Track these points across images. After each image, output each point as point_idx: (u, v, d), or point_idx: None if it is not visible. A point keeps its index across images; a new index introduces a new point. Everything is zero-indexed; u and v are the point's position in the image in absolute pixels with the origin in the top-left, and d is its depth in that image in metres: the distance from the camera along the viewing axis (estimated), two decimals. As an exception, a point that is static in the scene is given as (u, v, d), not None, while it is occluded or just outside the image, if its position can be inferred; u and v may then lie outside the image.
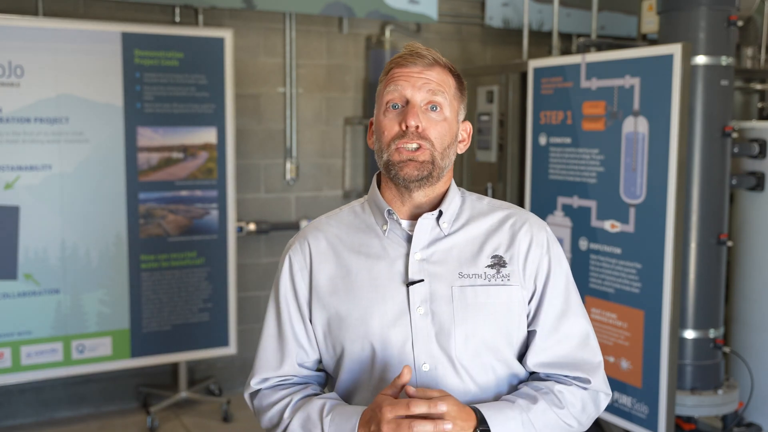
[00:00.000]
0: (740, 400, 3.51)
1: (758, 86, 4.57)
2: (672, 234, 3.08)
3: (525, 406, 1.40)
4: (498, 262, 1.46)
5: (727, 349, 3.44)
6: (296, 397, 1.48)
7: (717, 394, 3.34)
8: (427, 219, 1.46)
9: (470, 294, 1.43)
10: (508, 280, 1.46)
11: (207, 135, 4.11)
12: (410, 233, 1.47)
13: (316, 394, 1.50)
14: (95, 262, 3.91)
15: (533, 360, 1.49)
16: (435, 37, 5.04)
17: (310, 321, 1.50)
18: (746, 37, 4.44)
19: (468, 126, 1.54)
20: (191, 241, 4.13)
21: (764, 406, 3.60)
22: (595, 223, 3.41)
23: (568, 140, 3.54)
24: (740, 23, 3.60)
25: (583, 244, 3.46)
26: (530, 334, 1.50)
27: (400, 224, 1.47)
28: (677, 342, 3.14)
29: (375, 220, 1.51)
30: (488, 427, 1.35)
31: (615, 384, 3.34)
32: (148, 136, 3.98)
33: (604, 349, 3.38)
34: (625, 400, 3.30)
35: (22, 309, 3.78)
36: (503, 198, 4.18)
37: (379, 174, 1.54)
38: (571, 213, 3.53)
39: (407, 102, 1.43)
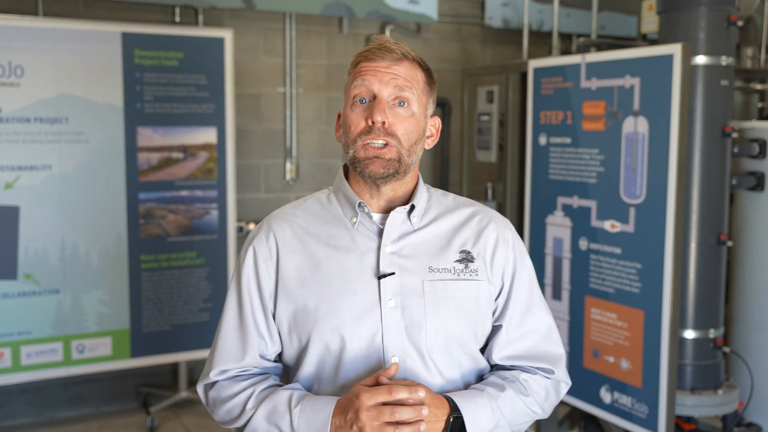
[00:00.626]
0: (740, 400, 3.51)
1: (758, 86, 4.57)
2: (672, 234, 3.08)
3: (494, 394, 1.44)
4: (466, 257, 1.48)
5: (727, 349, 3.44)
6: (259, 388, 1.46)
7: (717, 394, 3.34)
8: (400, 212, 1.47)
9: (441, 288, 1.45)
10: (476, 275, 1.48)
11: (207, 135, 4.11)
12: (380, 227, 1.47)
13: (279, 386, 1.49)
14: (95, 262, 3.91)
15: (500, 353, 1.52)
16: (435, 37, 5.04)
17: (274, 314, 1.49)
18: (746, 37, 4.44)
19: (437, 121, 1.54)
20: (191, 241, 4.13)
21: (764, 406, 3.60)
22: (595, 223, 3.41)
23: (568, 140, 3.54)
24: (740, 23, 3.60)
25: (583, 244, 3.46)
26: (495, 329, 1.53)
27: (370, 217, 1.47)
28: (677, 342, 3.14)
29: (343, 212, 1.50)
30: (461, 414, 1.37)
31: (615, 384, 3.34)
32: (148, 136, 3.98)
33: (604, 349, 3.38)
34: (625, 400, 3.30)
35: (22, 309, 3.78)
36: (503, 198, 4.18)
37: (346, 165, 1.54)
38: (571, 213, 3.53)
39: (374, 97, 1.43)
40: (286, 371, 1.57)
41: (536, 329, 1.53)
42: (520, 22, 5.08)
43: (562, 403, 3.57)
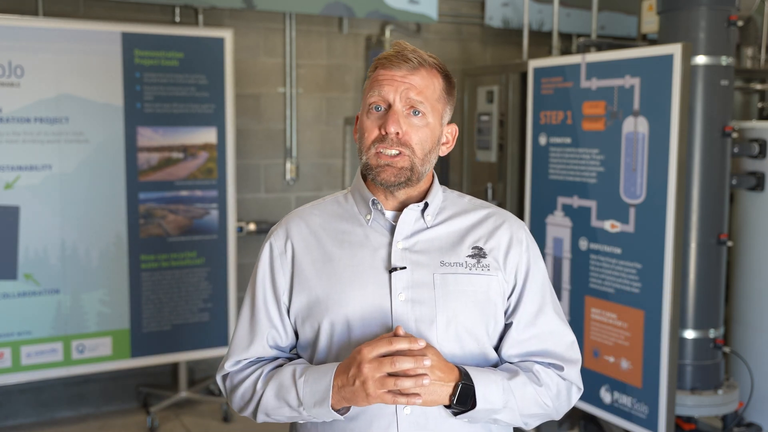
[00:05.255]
0: (740, 400, 3.51)
1: (758, 86, 4.57)
2: (672, 234, 3.08)
3: (507, 376, 1.44)
4: (478, 253, 1.49)
5: (727, 349, 3.44)
6: (267, 369, 1.49)
7: (717, 394, 3.34)
8: (413, 210, 1.49)
9: (452, 281, 1.46)
10: (488, 270, 1.48)
11: (207, 135, 4.11)
12: (393, 224, 1.49)
13: (284, 363, 1.51)
14: (95, 262, 3.91)
15: (510, 351, 1.51)
16: (435, 37, 5.04)
17: (289, 308, 1.51)
18: (746, 37, 4.44)
19: (453, 128, 1.56)
20: (191, 241, 4.13)
21: (764, 406, 3.60)
22: (595, 223, 3.41)
23: (568, 140, 3.54)
24: (740, 23, 3.60)
25: (583, 244, 3.46)
26: (507, 327, 1.52)
27: (383, 214, 1.49)
28: (677, 342, 3.14)
29: (358, 209, 1.52)
30: (472, 383, 1.37)
31: (615, 384, 3.34)
32: (148, 136, 3.98)
33: (604, 349, 3.38)
34: (625, 400, 3.30)
35: (22, 309, 3.78)
36: (503, 198, 4.18)
37: None
38: (571, 213, 3.53)
39: (389, 106, 1.44)
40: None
41: (547, 332, 1.51)
42: (520, 22, 5.08)
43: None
